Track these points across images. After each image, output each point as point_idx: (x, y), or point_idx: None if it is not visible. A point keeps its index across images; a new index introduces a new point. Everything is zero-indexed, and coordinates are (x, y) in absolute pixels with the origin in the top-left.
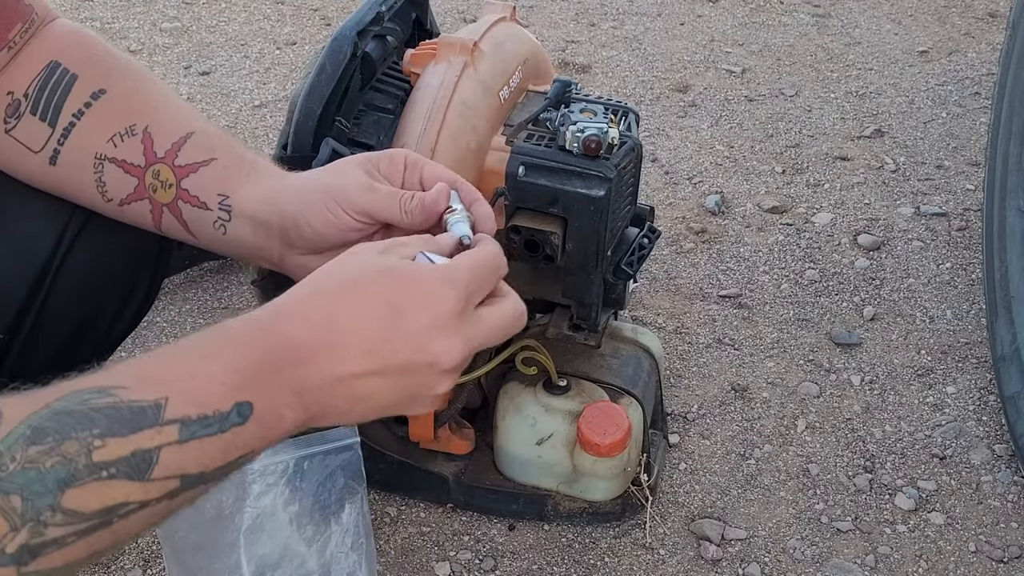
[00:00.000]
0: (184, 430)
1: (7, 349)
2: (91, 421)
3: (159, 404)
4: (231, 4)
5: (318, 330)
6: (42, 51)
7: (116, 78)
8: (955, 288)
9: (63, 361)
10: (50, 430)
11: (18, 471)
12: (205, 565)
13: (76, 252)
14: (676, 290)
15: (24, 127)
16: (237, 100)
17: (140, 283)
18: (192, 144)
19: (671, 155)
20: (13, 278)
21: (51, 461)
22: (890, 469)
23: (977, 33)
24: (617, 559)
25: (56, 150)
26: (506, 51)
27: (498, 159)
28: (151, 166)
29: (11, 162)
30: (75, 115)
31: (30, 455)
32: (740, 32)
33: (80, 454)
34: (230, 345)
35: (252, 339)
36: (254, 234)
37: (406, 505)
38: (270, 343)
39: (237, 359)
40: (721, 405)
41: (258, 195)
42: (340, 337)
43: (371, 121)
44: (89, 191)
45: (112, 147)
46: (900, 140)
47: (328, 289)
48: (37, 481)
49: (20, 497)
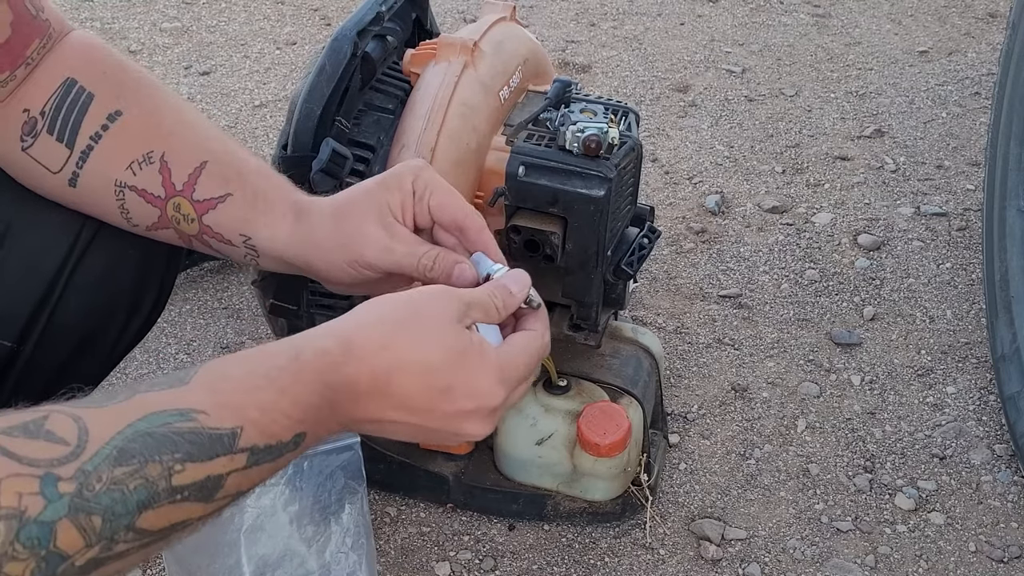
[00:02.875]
0: (251, 458)
1: (15, 358)
2: (174, 445)
3: (235, 433)
4: (231, 4)
5: (379, 384)
6: (57, 67)
7: (131, 98)
8: (955, 288)
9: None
10: (135, 452)
11: (103, 492)
12: (205, 565)
13: (86, 264)
14: (676, 290)
15: (41, 146)
16: (237, 100)
17: (148, 293)
18: (208, 176)
19: (671, 155)
20: (23, 289)
21: (134, 483)
22: (890, 469)
23: (977, 33)
24: (617, 559)
25: (75, 173)
26: (506, 51)
27: (498, 159)
28: (171, 198)
29: (31, 179)
30: (92, 138)
31: (116, 476)
32: (740, 32)
33: (161, 478)
34: (301, 379)
35: (321, 378)
36: (285, 267)
37: (406, 505)
38: (336, 384)
39: (305, 395)
40: (721, 405)
41: (281, 240)
42: (393, 393)
43: (371, 121)
44: (114, 215)
45: (131, 175)
46: (900, 140)
47: (399, 345)
48: (120, 502)
49: (102, 517)
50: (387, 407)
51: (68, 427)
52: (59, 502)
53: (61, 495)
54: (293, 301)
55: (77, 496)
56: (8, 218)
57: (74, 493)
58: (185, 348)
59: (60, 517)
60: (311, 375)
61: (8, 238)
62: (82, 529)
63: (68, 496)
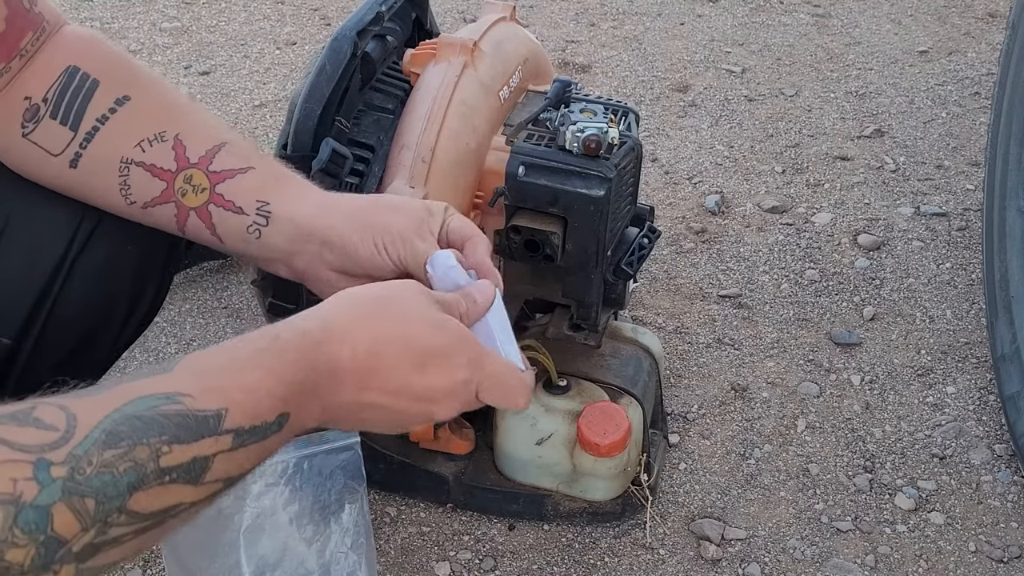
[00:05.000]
0: (237, 439)
1: (15, 354)
2: (161, 428)
3: (220, 414)
4: (231, 4)
5: (360, 362)
6: (58, 56)
7: (138, 86)
8: (955, 288)
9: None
10: (124, 435)
11: (94, 475)
12: (205, 565)
13: (85, 258)
14: (676, 290)
15: (43, 131)
16: (237, 100)
17: (148, 288)
18: (227, 152)
19: (671, 155)
20: (22, 284)
21: (124, 466)
22: (890, 469)
23: (977, 33)
24: (617, 559)
25: (78, 153)
26: (506, 51)
27: (498, 159)
28: (183, 170)
29: (27, 165)
30: (99, 119)
31: (105, 459)
32: (740, 32)
33: (150, 459)
34: (283, 358)
35: (303, 356)
36: (291, 241)
37: (406, 505)
38: (317, 362)
39: (288, 373)
40: (721, 405)
41: (305, 204)
42: (375, 369)
43: (371, 121)
44: (110, 194)
45: (140, 152)
46: (900, 140)
47: (377, 322)
48: (111, 485)
49: (95, 500)
50: (367, 387)
51: (56, 415)
52: (52, 486)
53: (54, 479)
54: (293, 301)
55: (69, 480)
56: (8, 212)
57: (66, 477)
58: (185, 348)
59: (55, 501)
60: (293, 354)
61: (7, 233)
62: (77, 513)
63: (61, 480)
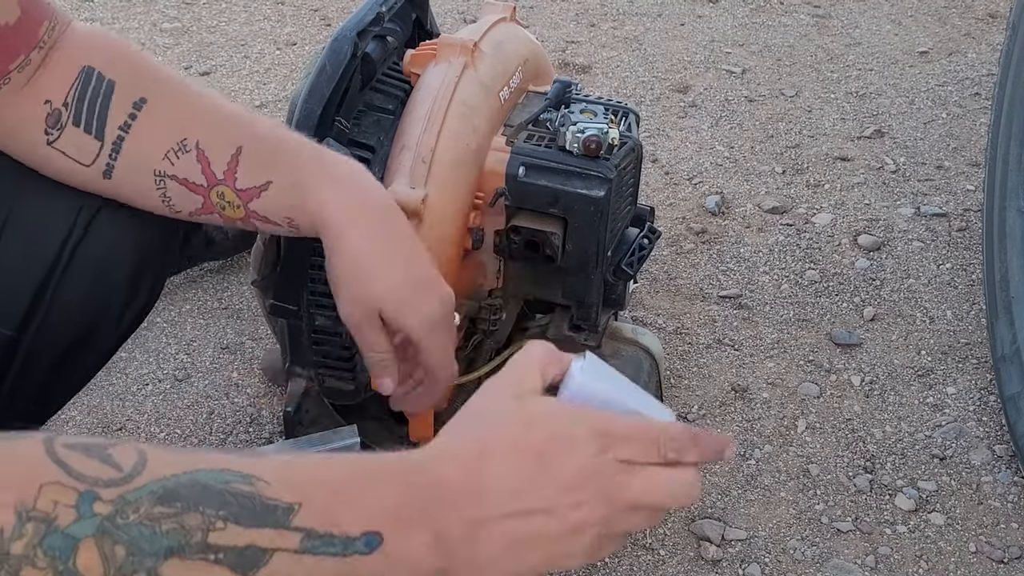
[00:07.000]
0: (305, 541)
1: (15, 347)
2: (222, 502)
3: (291, 508)
4: (231, 4)
5: (471, 475)
6: (72, 56)
7: (151, 84)
8: (955, 288)
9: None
10: (183, 496)
11: (134, 523)
12: None
13: (84, 249)
14: (676, 290)
15: (68, 139)
16: (237, 100)
17: (146, 278)
18: (246, 162)
19: (671, 155)
20: (23, 275)
21: (168, 526)
22: (890, 469)
23: (977, 33)
24: (617, 559)
25: (109, 165)
26: (506, 51)
27: (498, 159)
28: (214, 187)
29: (61, 172)
30: (122, 128)
31: (153, 513)
32: (740, 32)
33: (198, 529)
34: (377, 478)
35: (403, 477)
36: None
37: None
38: (421, 483)
39: (383, 492)
40: (721, 405)
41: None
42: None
43: (371, 121)
44: (153, 204)
45: (169, 164)
46: (900, 140)
47: (479, 432)
48: (147, 540)
49: (126, 550)
50: (486, 504)
51: (129, 456)
52: (90, 520)
53: (94, 514)
54: (293, 301)
55: (109, 520)
56: (10, 203)
57: (106, 516)
58: (185, 348)
59: (86, 535)
60: (388, 474)
61: (9, 223)
62: (103, 556)
63: (100, 517)
